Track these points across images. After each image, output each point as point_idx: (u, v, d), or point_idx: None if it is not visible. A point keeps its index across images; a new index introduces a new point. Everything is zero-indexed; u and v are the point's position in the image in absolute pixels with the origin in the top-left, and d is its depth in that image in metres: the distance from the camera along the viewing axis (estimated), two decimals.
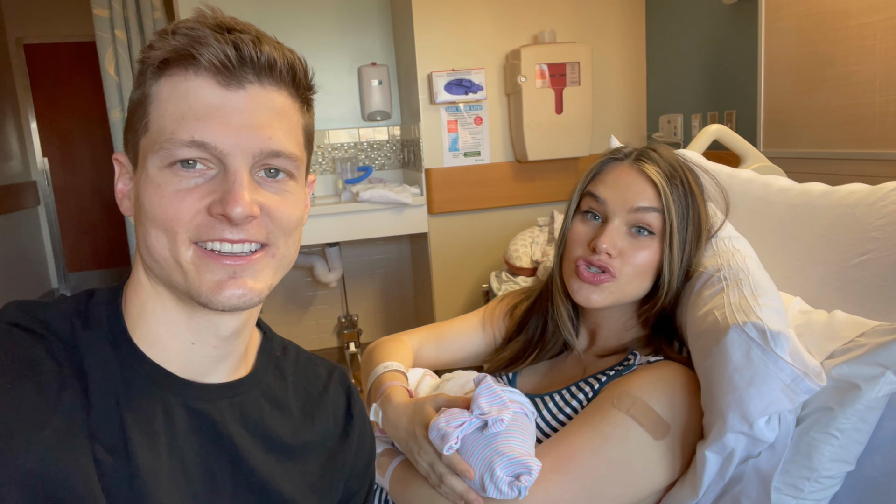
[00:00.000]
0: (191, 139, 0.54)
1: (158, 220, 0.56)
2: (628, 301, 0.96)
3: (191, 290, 0.57)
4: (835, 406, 0.74)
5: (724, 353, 0.77)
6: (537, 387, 1.04)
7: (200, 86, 0.55)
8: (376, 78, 2.85)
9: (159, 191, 0.55)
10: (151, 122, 0.57)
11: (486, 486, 0.78)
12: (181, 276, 0.57)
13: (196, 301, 0.57)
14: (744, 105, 2.20)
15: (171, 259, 0.56)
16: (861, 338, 0.77)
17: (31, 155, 4.40)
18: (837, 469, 0.74)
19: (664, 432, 0.83)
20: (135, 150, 0.59)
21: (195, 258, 0.56)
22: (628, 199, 0.92)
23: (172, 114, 0.55)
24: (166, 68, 0.56)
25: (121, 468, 0.55)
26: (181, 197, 0.55)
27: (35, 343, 0.56)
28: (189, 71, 0.55)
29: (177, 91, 0.56)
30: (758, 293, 0.81)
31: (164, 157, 0.55)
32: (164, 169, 0.56)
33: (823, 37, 1.73)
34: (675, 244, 0.92)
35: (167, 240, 0.56)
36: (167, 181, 0.55)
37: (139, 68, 0.59)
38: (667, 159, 0.95)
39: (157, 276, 0.60)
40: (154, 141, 0.56)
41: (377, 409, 0.95)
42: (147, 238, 0.57)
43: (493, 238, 2.70)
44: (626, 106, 2.82)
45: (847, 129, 1.70)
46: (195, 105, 0.55)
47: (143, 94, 0.58)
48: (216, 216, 0.55)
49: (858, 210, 0.97)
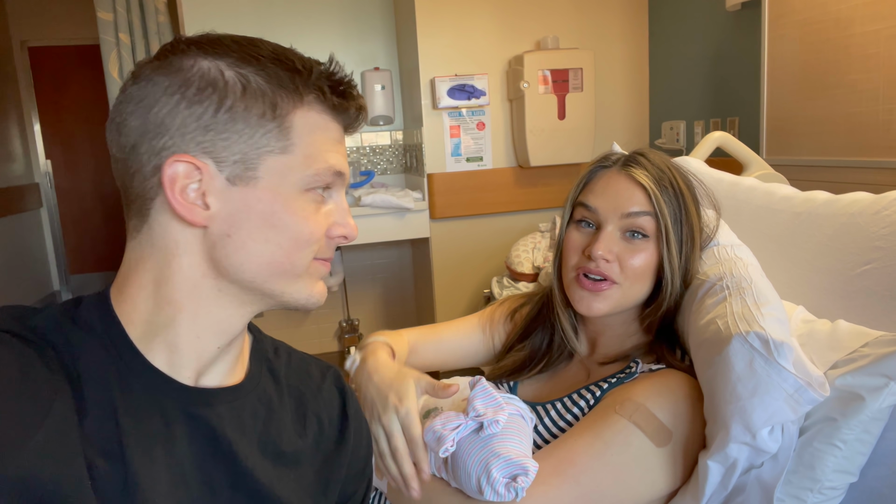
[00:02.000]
0: (339, 170, 0.63)
1: (303, 238, 0.61)
2: (630, 306, 0.96)
3: (300, 295, 0.64)
4: (838, 417, 0.74)
5: (727, 363, 0.77)
6: (538, 395, 1.04)
7: (336, 131, 0.64)
8: (379, 83, 2.86)
9: (304, 212, 0.61)
10: (296, 146, 0.60)
11: (483, 489, 0.78)
12: (292, 282, 0.63)
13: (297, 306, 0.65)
14: (746, 112, 2.20)
15: (292, 270, 0.62)
16: (865, 348, 0.76)
17: (33, 157, 4.41)
18: (840, 480, 0.74)
19: (666, 440, 0.82)
20: (244, 163, 0.59)
21: (312, 267, 0.64)
22: (619, 206, 0.93)
23: (322, 146, 0.62)
24: (308, 102, 0.62)
25: (116, 474, 0.55)
26: (318, 220, 0.63)
27: (26, 348, 0.55)
28: (329, 116, 0.63)
29: (321, 128, 0.63)
30: (760, 302, 0.80)
31: (314, 180, 0.61)
32: (305, 192, 0.61)
33: (826, 45, 1.73)
34: (672, 244, 0.92)
35: (304, 255, 0.62)
36: (308, 204, 0.62)
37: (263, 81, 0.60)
38: (655, 163, 0.95)
39: (250, 287, 0.62)
40: (302, 165, 0.61)
41: (355, 356, 0.96)
42: (276, 253, 0.61)
43: (495, 243, 2.70)
44: (628, 112, 2.82)
45: (850, 138, 1.70)
46: (332, 142, 0.63)
47: (281, 115, 0.60)
48: (335, 238, 0.65)
49: (862, 219, 0.97)
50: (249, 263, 0.61)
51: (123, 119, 0.59)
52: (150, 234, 0.61)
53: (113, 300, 0.62)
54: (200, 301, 0.61)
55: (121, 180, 0.61)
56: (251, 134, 0.59)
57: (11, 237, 3.93)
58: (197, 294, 0.61)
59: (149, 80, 0.58)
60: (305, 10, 2.84)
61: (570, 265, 0.97)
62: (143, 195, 0.60)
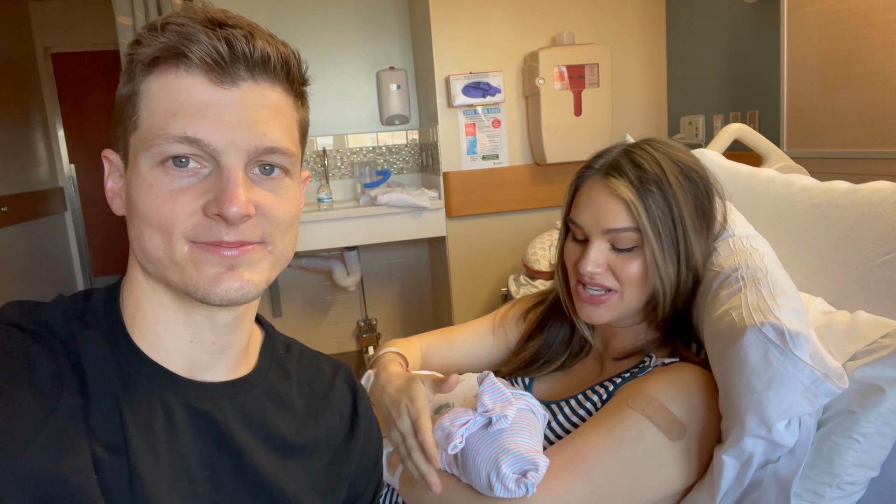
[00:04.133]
0: (183, 135, 0.53)
1: (153, 220, 0.55)
2: (634, 310, 0.95)
3: (188, 286, 0.56)
4: (857, 409, 0.71)
5: (742, 355, 0.75)
6: (553, 393, 1.03)
7: (192, 83, 0.54)
8: (394, 82, 2.86)
9: (152, 191, 0.55)
10: (141, 119, 0.56)
11: (493, 485, 0.77)
12: (177, 273, 0.56)
13: (193, 296, 0.57)
14: (767, 105, 2.16)
15: (165, 258, 0.56)
16: (885, 339, 0.74)
17: (58, 162, 4.49)
18: (860, 475, 0.72)
19: (680, 434, 0.81)
20: (125, 148, 0.59)
21: (191, 254, 0.56)
22: (601, 222, 0.91)
23: (164, 111, 0.54)
24: (156, 65, 0.55)
25: (121, 468, 0.55)
26: (175, 197, 0.54)
27: (33, 343, 0.56)
28: (180, 68, 0.54)
29: (168, 88, 0.55)
30: (776, 293, 0.78)
31: (156, 154, 0.54)
32: (155, 167, 0.55)
33: (847, 34, 1.69)
34: (661, 251, 0.89)
35: (162, 239, 0.55)
36: (160, 181, 0.54)
37: (126, 63, 0.58)
38: (639, 164, 0.90)
39: (151, 274, 0.59)
40: (145, 138, 0.55)
41: (370, 375, 0.96)
42: (140, 238, 0.56)
43: (512, 241, 2.68)
44: (646, 107, 2.79)
45: (873, 128, 1.65)
46: (187, 103, 0.54)
47: (132, 91, 0.57)
48: (212, 216, 0.55)
49: (883, 208, 0.94)
50: (136, 251, 0.59)
51: None
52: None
53: (121, 294, 0.63)
54: (145, 296, 0.61)
55: None
56: (123, 117, 0.58)
57: (36, 241, 4.00)
58: (142, 288, 0.61)
59: None
60: (320, 12, 2.86)
61: (570, 276, 0.99)
62: None
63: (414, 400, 0.85)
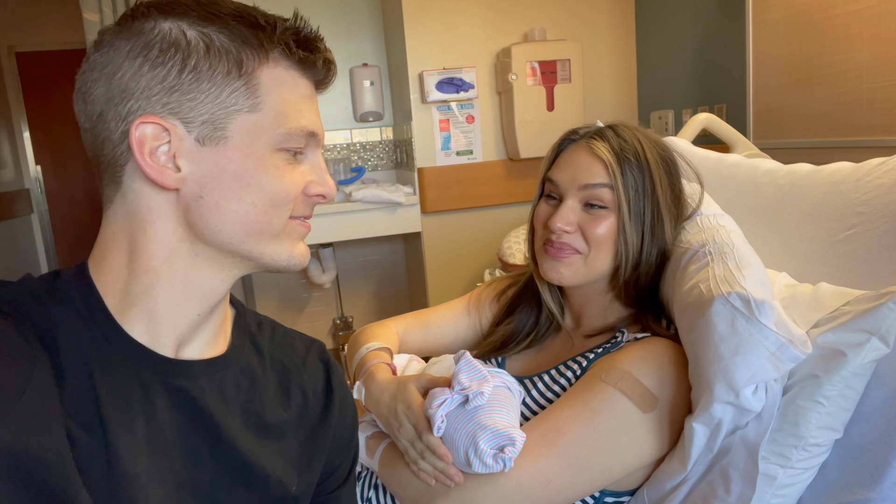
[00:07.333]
0: (311, 130, 0.62)
1: (278, 198, 0.61)
2: (598, 275, 0.96)
3: (280, 256, 0.63)
4: (821, 374, 0.74)
5: (710, 324, 0.77)
6: (526, 369, 1.04)
7: (307, 86, 0.63)
8: (368, 79, 2.86)
9: (278, 170, 0.61)
10: (265, 104, 0.59)
11: (472, 461, 0.78)
12: (271, 242, 0.62)
13: (278, 267, 0.64)
14: (734, 99, 2.21)
15: (269, 229, 0.61)
16: (846, 306, 0.77)
17: (23, 163, 4.39)
18: (825, 437, 0.74)
19: (652, 405, 0.82)
20: (213, 123, 0.58)
21: (289, 227, 0.63)
22: (578, 177, 0.94)
23: (293, 104, 0.61)
24: (274, 58, 0.60)
25: (96, 445, 0.54)
26: (294, 180, 0.62)
27: (3, 322, 0.55)
28: (297, 71, 0.62)
29: (290, 84, 0.61)
30: (742, 265, 0.81)
31: (286, 139, 0.60)
32: (278, 151, 0.60)
33: (810, 27, 1.74)
34: (629, 217, 0.92)
35: (279, 214, 0.61)
36: (283, 163, 0.61)
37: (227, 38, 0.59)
38: (622, 136, 0.95)
39: (227, 249, 0.61)
40: (272, 123, 0.60)
41: (360, 386, 0.96)
42: (250, 212, 0.60)
43: (487, 236, 2.70)
44: (617, 102, 2.83)
45: (835, 118, 1.70)
46: (305, 101, 0.63)
47: (248, 72, 0.59)
48: (313, 196, 0.64)
49: (844, 187, 0.98)
50: (224, 224, 0.60)
51: (88, 88, 0.58)
52: (124, 202, 0.60)
53: (91, 272, 0.61)
54: (177, 267, 0.60)
55: (91, 150, 0.61)
56: (218, 93, 0.58)
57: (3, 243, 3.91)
58: (173, 260, 0.60)
59: (111, 45, 0.58)
60: (291, 6, 2.84)
61: (537, 237, 1.00)
62: (113, 163, 0.59)
63: (410, 405, 0.87)
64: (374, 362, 0.98)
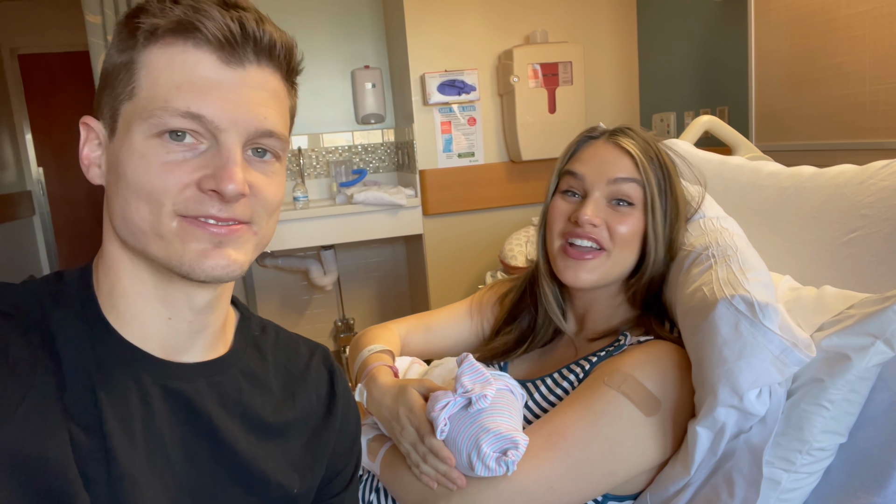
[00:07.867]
0: (186, 110, 0.53)
1: (143, 191, 0.54)
2: (617, 276, 0.95)
3: (171, 261, 0.56)
4: (825, 377, 0.73)
5: (713, 328, 0.76)
6: (529, 372, 1.03)
7: (200, 59, 0.55)
8: (369, 81, 2.86)
9: (145, 161, 0.54)
10: (140, 88, 0.55)
11: (474, 464, 0.78)
12: (162, 247, 0.56)
13: (177, 272, 0.56)
14: (736, 101, 2.20)
15: (151, 231, 0.55)
16: (851, 309, 0.76)
17: (25, 165, 4.39)
18: (829, 441, 0.73)
19: (655, 409, 0.82)
20: (113, 116, 0.58)
21: (179, 228, 0.55)
22: (606, 172, 0.93)
23: (167, 83, 0.54)
24: (162, 36, 0.55)
25: (96, 447, 0.54)
26: (169, 169, 0.54)
27: (5, 324, 0.55)
28: (189, 43, 0.55)
29: (174, 61, 0.55)
30: (746, 268, 0.80)
31: (155, 125, 0.54)
32: (151, 138, 0.54)
33: (812, 30, 1.74)
34: (658, 212, 0.92)
35: (149, 211, 0.55)
36: (154, 152, 0.54)
37: (125, 30, 0.57)
38: (641, 136, 0.96)
39: (131, 247, 0.58)
40: (143, 108, 0.55)
41: (362, 389, 0.95)
42: (125, 209, 0.56)
43: (489, 238, 2.70)
44: (618, 105, 2.83)
45: (838, 121, 1.70)
46: (193, 78, 0.54)
47: (130, 59, 0.56)
48: (207, 192, 0.55)
49: (848, 189, 0.97)
50: (116, 222, 0.58)
51: None
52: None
53: (94, 274, 0.62)
54: (123, 271, 0.60)
55: None
56: (115, 84, 0.57)
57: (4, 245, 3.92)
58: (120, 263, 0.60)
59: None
60: (294, 11, 2.85)
61: (555, 232, 0.97)
62: None
63: (412, 408, 0.86)
64: (375, 365, 0.98)
